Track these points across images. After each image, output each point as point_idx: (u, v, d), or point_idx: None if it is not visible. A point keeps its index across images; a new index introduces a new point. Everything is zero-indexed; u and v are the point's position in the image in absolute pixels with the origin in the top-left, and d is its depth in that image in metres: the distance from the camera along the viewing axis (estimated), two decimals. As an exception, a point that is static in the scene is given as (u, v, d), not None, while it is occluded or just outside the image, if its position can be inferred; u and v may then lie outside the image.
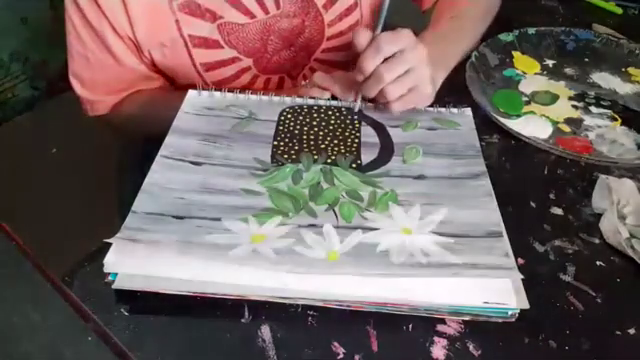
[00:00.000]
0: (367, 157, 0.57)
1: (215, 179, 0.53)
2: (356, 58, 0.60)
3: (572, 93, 0.74)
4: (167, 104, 0.67)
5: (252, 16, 0.69)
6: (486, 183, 0.54)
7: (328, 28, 0.75)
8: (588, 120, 0.69)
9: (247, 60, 0.72)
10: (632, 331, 0.46)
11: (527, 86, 0.74)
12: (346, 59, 0.81)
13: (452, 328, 0.45)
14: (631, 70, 0.78)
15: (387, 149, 0.58)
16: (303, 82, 0.70)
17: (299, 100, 0.64)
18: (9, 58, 0.87)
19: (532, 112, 0.69)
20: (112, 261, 0.45)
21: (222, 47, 0.70)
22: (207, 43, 0.69)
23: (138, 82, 0.74)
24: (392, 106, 0.61)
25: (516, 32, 0.80)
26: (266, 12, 0.70)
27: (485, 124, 0.65)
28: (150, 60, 0.71)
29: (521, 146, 0.64)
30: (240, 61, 0.72)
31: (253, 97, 0.64)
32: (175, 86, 0.78)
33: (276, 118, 0.61)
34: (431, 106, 0.64)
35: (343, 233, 0.48)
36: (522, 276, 0.45)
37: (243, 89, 0.65)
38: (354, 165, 0.56)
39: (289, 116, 0.62)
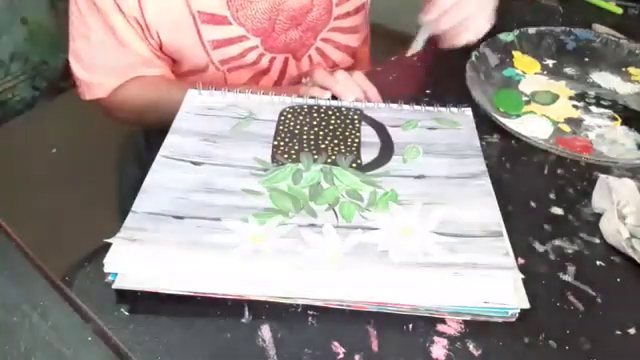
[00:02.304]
0: (367, 157, 0.57)
1: (215, 179, 0.53)
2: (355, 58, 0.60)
3: (572, 93, 0.74)
4: (167, 93, 0.67)
5: None
6: (486, 183, 0.54)
7: (336, 7, 0.75)
8: (588, 120, 0.69)
9: (254, 39, 0.73)
10: (632, 331, 0.46)
11: (527, 86, 0.74)
12: (349, 43, 0.81)
13: (452, 328, 0.45)
14: (631, 70, 0.78)
15: (387, 149, 0.58)
16: (304, 80, 0.70)
17: (299, 100, 0.64)
18: (9, 58, 0.87)
19: (532, 112, 0.69)
20: (112, 261, 0.45)
21: (230, 23, 0.70)
22: (215, 19, 0.69)
23: (139, 67, 0.74)
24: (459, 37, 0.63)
25: (516, 32, 0.80)
26: None
27: (485, 124, 0.65)
28: (158, 42, 0.71)
29: (521, 146, 0.64)
30: (247, 40, 0.72)
31: (253, 97, 0.64)
32: (181, 69, 0.77)
33: (276, 118, 0.61)
34: (431, 106, 0.64)
35: (343, 233, 0.48)
36: (522, 276, 0.45)
37: (243, 86, 0.65)
38: (354, 165, 0.56)
39: (289, 116, 0.62)
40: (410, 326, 0.45)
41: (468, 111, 0.64)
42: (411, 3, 0.85)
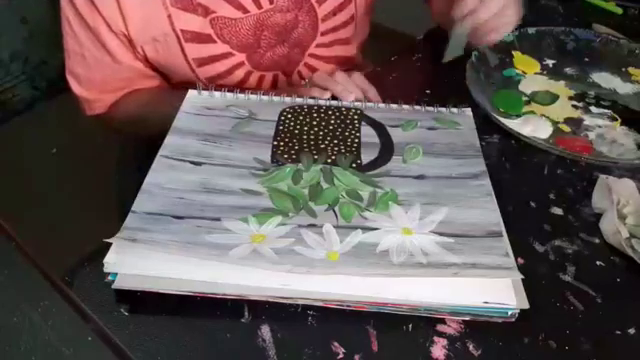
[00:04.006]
0: (367, 157, 0.57)
1: (215, 179, 0.53)
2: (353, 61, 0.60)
3: (572, 93, 0.73)
4: (167, 103, 0.66)
5: (245, 11, 0.69)
6: (486, 183, 0.54)
7: (322, 23, 0.75)
8: (588, 120, 0.69)
9: (240, 55, 0.72)
10: (632, 331, 0.46)
11: (527, 86, 0.74)
12: (340, 54, 0.81)
13: (452, 328, 0.45)
14: (631, 70, 0.78)
15: (387, 149, 0.58)
16: (303, 82, 0.70)
17: (299, 100, 0.64)
18: (9, 58, 0.87)
19: (532, 112, 0.69)
20: (112, 261, 0.45)
21: (215, 42, 0.70)
22: (199, 38, 0.69)
23: (135, 80, 0.74)
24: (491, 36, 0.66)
25: (516, 32, 0.80)
26: (259, 7, 0.70)
27: (485, 124, 0.65)
28: (143, 56, 0.71)
29: (521, 146, 0.64)
30: (233, 56, 0.72)
31: (253, 97, 0.64)
32: (170, 83, 0.78)
33: (276, 118, 0.61)
34: (431, 106, 0.64)
35: (343, 233, 0.48)
36: (522, 276, 0.45)
37: (241, 89, 0.65)
38: (354, 165, 0.56)
39: (289, 116, 0.62)
40: (410, 326, 0.45)
41: (468, 111, 0.64)
42: (411, 3, 0.85)
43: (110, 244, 0.45)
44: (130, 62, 0.71)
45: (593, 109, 0.71)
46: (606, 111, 0.70)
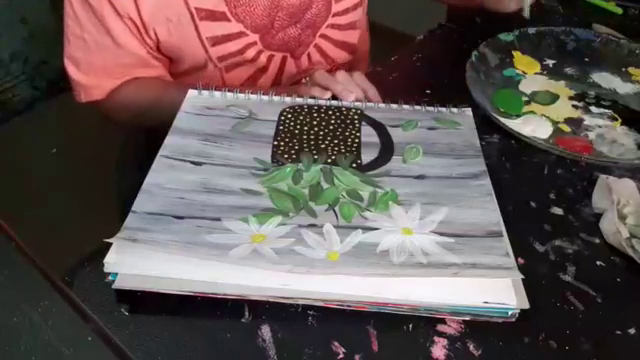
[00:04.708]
0: (367, 157, 0.57)
1: (215, 179, 0.53)
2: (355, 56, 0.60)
3: (572, 93, 0.74)
4: (164, 95, 0.66)
5: None
6: (486, 183, 0.54)
7: (335, 4, 0.75)
8: (588, 120, 0.69)
9: (253, 36, 0.73)
10: (632, 331, 0.46)
11: (527, 86, 0.74)
12: (347, 40, 0.81)
13: (452, 328, 0.45)
14: (631, 70, 0.78)
15: (387, 149, 0.58)
16: (304, 80, 0.70)
17: (299, 100, 0.64)
18: (9, 58, 0.87)
19: (532, 112, 0.69)
20: (112, 261, 0.45)
21: (229, 20, 0.70)
22: (214, 15, 0.69)
23: (136, 68, 0.74)
24: None
25: (516, 32, 0.80)
26: None
27: (485, 124, 0.65)
28: (155, 40, 0.70)
29: (521, 146, 0.64)
30: (246, 36, 0.72)
31: (253, 97, 0.64)
32: (179, 69, 0.77)
33: (276, 118, 0.61)
34: (431, 106, 0.64)
35: (343, 233, 0.48)
36: (522, 276, 0.45)
37: (242, 89, 0.65)
38: (354, 165, 0.56)
39: (289, 116, 0.62)
40: (410, 326, 0.45)
41: (468, 111, 0.64)
42: (411, 3, 0.85)
43: (110, 244, 0.45)
44: (133, 48, 0.70)
45: (593, 109, 0.71)
46: (606, 111, 0.71)
